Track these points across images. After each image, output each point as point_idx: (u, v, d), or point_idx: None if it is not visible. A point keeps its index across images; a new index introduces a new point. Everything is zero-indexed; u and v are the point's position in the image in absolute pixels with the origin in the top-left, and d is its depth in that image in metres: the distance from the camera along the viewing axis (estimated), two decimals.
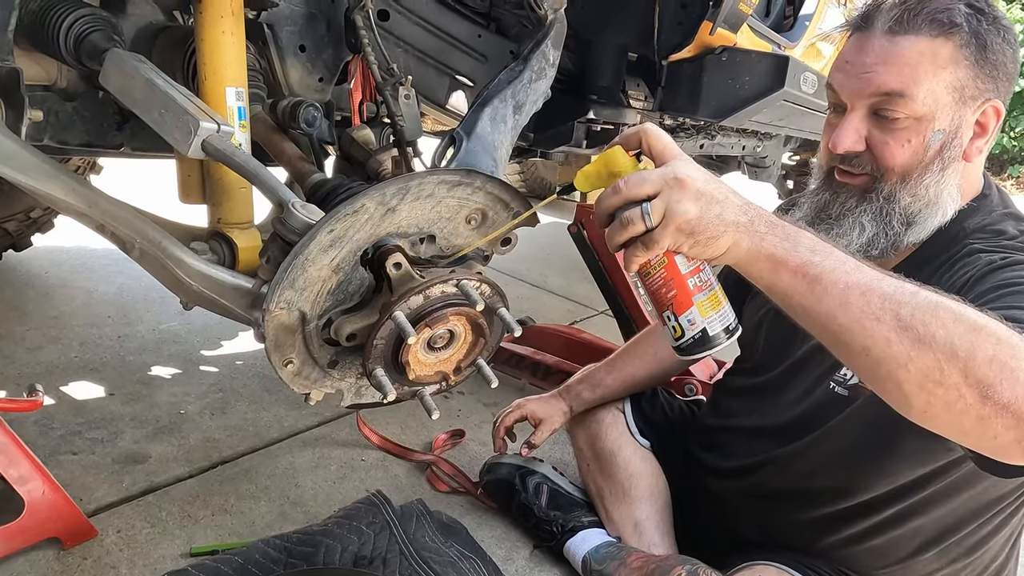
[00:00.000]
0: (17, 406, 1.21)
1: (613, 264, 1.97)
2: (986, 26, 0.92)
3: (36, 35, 0.95)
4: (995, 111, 0.95)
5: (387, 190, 0.83)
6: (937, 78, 0.91)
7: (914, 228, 0.97)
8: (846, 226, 0.99)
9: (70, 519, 1.21)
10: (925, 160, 0.94)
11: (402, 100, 1.06)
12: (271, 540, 1.17)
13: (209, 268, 0.91)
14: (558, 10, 1.19)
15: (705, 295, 0.75)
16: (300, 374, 0.92)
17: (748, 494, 1.17)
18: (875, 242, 0.98)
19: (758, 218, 0.69)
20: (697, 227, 0.68)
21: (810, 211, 1.04)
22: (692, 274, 0.74)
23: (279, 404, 1.78)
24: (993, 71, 0.93)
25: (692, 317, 0.75)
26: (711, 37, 1.61)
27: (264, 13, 1.07)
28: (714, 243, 0.69)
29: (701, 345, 0.75)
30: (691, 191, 0.68)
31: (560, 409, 1.45)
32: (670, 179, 0.68)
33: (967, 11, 0.92)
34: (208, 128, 0.85)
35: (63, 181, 0.90)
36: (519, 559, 1.35)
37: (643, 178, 0.69)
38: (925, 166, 0.94)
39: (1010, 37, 0.94)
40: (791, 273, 0.68)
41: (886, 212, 0.97)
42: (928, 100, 0.91)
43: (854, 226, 0.98)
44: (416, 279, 0.86)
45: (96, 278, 2.45)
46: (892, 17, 0.93)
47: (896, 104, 0.92)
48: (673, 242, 0.69)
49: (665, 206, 0.68)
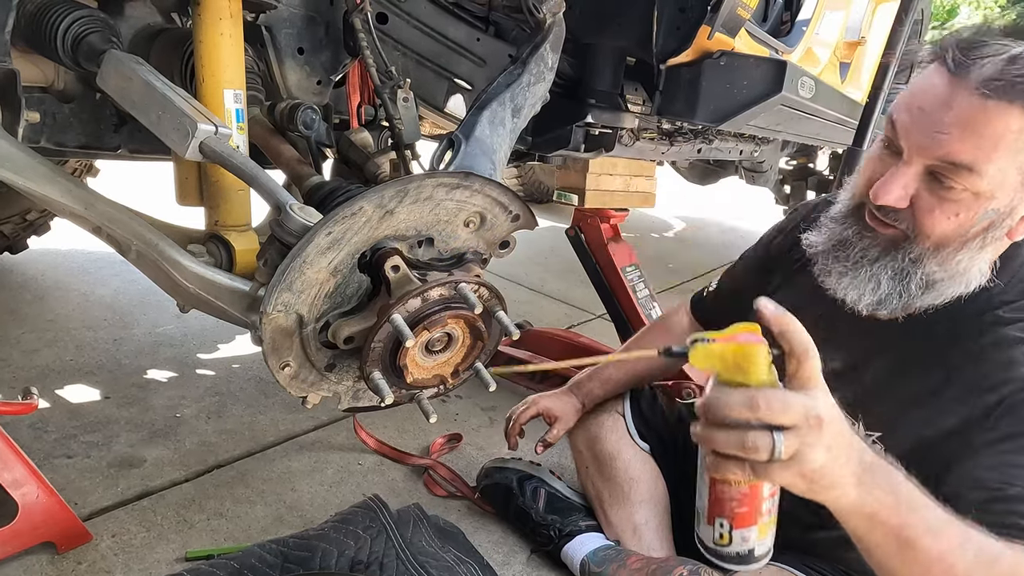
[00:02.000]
0: (11, 409, 1.20)
1: (610, 268, 1.97)
2: None
3: (33, 36, 0.94)
4: None
5: (385, 193, 0.82)
6: (1014, 159, 0.81)
7: (930, 294, 0.91)
8: (861, 277, 0.93)
9: (64, 523, 1.20)
10: (967, 236, 0.87)
11: (400, 103, 1.06)
12: (267, 544, 1.16)
13: (206, 271, 0.91)
14: (556, 14, 1.20)
15: (768, 519, 0.71)
16: (297, 377, 0.92)
17: None
18: (887, 302, 0.93)
19: (871, 469, 0.66)
20: (818, 476, 0.63)
21: (828, 242, 0.98)
22: (769, 497, 0.70)
23: (276, 408, 1.78)
24: None
25: (748, 535, 0.71)
26: (709, 42, 1.61)
27: (262, 16, 1.07)
28: (824, 492, 0.65)
29: (740, 561, 0.72)
30: (827, 437, 0.62)
31: (573, 406, 1.44)
32: (812, 417, 0.61)
33: None
34: (206, 130, 0.85)
35: (60, 183, 0.89)
36: (516, 563, 1.34)
37: (787, 405, 0.61)
38: (965, 241, 0.87)
39: None
40: (886, 532, 0.67)
41: (907, 274, 0.90)
42: (995, 178, 0.82)
43: (870, 280, 0.93)
44: (414, 282, 0.86)
45: (92, 281, 2.44)
46: (992, 76, 0.80)
47: (960, 176, 0.83)
48: (787, 482, 0.63)
49: (797, 446, 0.61)
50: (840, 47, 2.74)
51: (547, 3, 1.17)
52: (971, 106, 0.81)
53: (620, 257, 1.97)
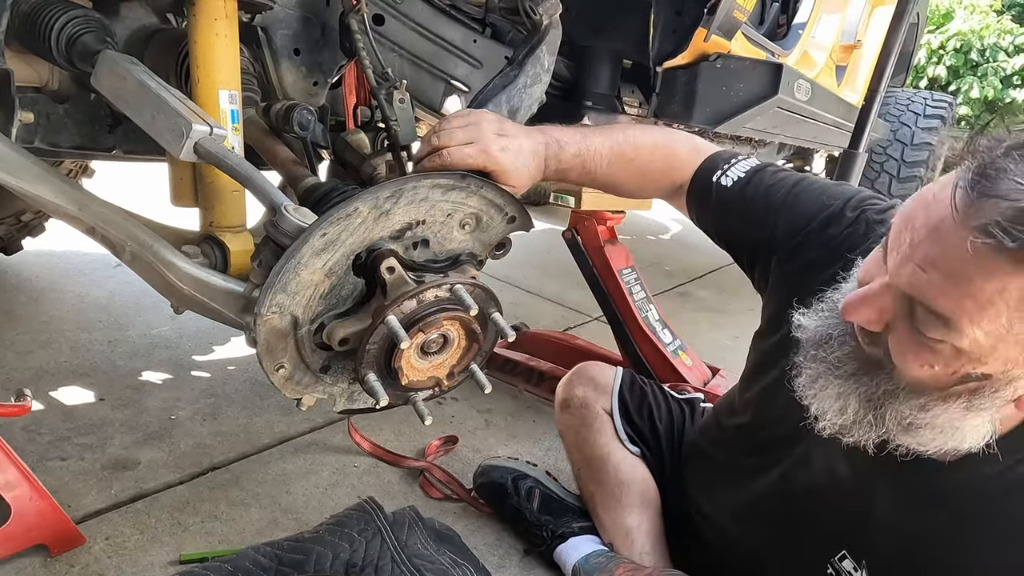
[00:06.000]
0: (4, 411, 1.19)
1: (607, 271, 1.97)
2: None
3: (27, 36, 0.94)
4: None
5: (381, 194, 0.82)
6: (1011, 327, 0.64)
7: (911, 437, 0.76)
8: (830, 392, 0.80)
9: (57, 526, 1.19)
10: (947, 392, 0.72)
11: (396, 104, 1.06)
12: (261, 547, 1.16)
13: (201, 272, 0.91)
14: (553, 16, 1.20)
15: None
16: (292, 379, 0.91)
17: None
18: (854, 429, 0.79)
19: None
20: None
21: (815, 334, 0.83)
22: None
23: (271, 410, 1.77)
24: None
25: None
26: (705, 44, 1.61)
27: (258, 16, 1.07)
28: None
29: None
30: None
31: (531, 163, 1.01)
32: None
33: None
34: (200, 131, 0.84)
35: (54, 184, 0.89)
36: (512, 566, 1.34)
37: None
38: (945, 397, 0.72)
39: None
40: None
41: (881, 406, 0.76)
42: (983, 344, 0.66)
43: (838, 399, 0.79)
44: (410, 284, 0.85)
45: (87, 282, 2.44)
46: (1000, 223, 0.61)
47: (937, 328, 0.67)
48: None
49: None
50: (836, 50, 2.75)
51: (543, 5, 1.17)
52: (961, 251, 0.63)
53: (616, 260, 1.96)
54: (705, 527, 1.22)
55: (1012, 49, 9.73)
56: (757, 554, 1.09)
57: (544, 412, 1.92)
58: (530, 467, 1.47)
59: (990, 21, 10.07)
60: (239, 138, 0.99)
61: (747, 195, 1.07)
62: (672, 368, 1.87)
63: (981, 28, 9.96)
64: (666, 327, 1.97)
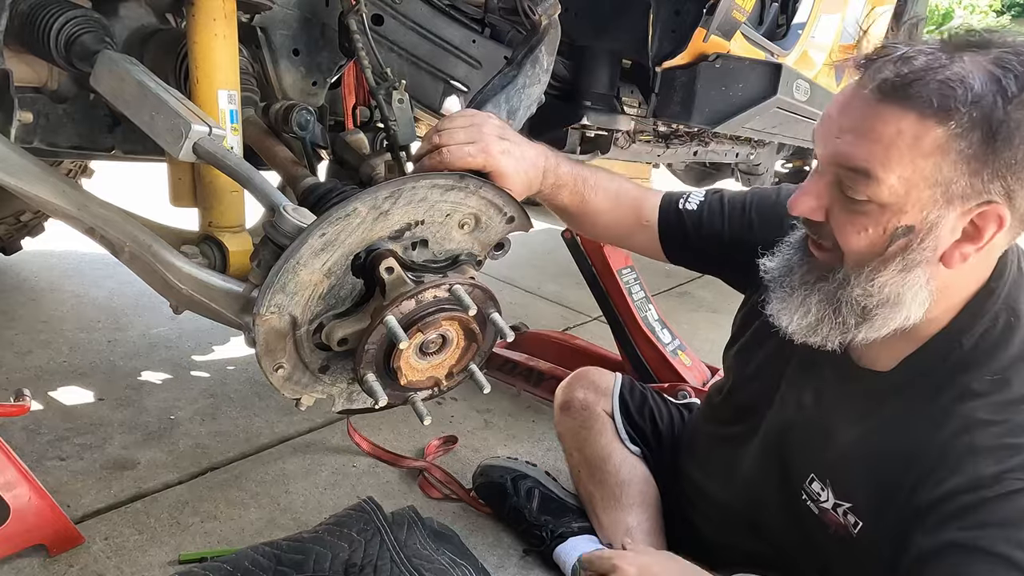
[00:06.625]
0: (4, 411, 1.19)
1: (606, 270, 1.97)
2: (1004, 113, 0.72)
3: (26, 36, 0.94)
4: (997, 217, 0.77)
5: (379, 194, 0.82)
6: (915, 166, 0.76)
7: (870, 324, 0.86)
8: (794, 302, 0.91)
9: (56, 526, 1.19)
10: (884, 255, 0.82)
11: (396, 104, 1.06)
12: (260, 547, 1.16)
13: (199, 272, 0.91)
14: (552, 16, 1.20)
15: None
16: (291, 379, 0.91)
17: None
18: (817, 329, 0.89)
19: None
20: None
21: (778, 269, 0.96)
22: None
23: (270, 410, 1.77)
24: (1005, 169, 0.74)
25: None
26: (705, 44, 1.61)
27: (257, 16, 1.07)
28: None
29: None
30: None
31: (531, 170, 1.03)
32: None
33: (983, 90, 0.73)
34: (199, 131, 0.84)
35: (52, 184, 0.89)
36: (511, 566, 1.34)
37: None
38: (883, 261, 0.83)
39: None
40: None
41: (836, 298, 0.87)
42: (898, 189, 0.77)
43: (801, 305, 0.90)
44: (408, 284, 0.85)
45: (86, 282, 2.44)
46: (885, 77, 0.76)
47: (860, 183, 0.79)
48: None
49: None
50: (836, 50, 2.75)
51: (542, 5, 1.17)
52: (863, 109, 0.78)
53: (616, 259, 1.97)
54: (702, 506, 1.24)
55: None
56: (751, 514, 1.13)
57: (543, 412, 1.92)
58: (529, 467, 1.47)
59: (990, 21, 10.08)
60: (238, 138, 0.99)
61: (715, 209, 1.18)
62: (671, 368, 1.87)
63: None
64: (665, 327, 1.97)
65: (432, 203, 0.88)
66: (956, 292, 0.87)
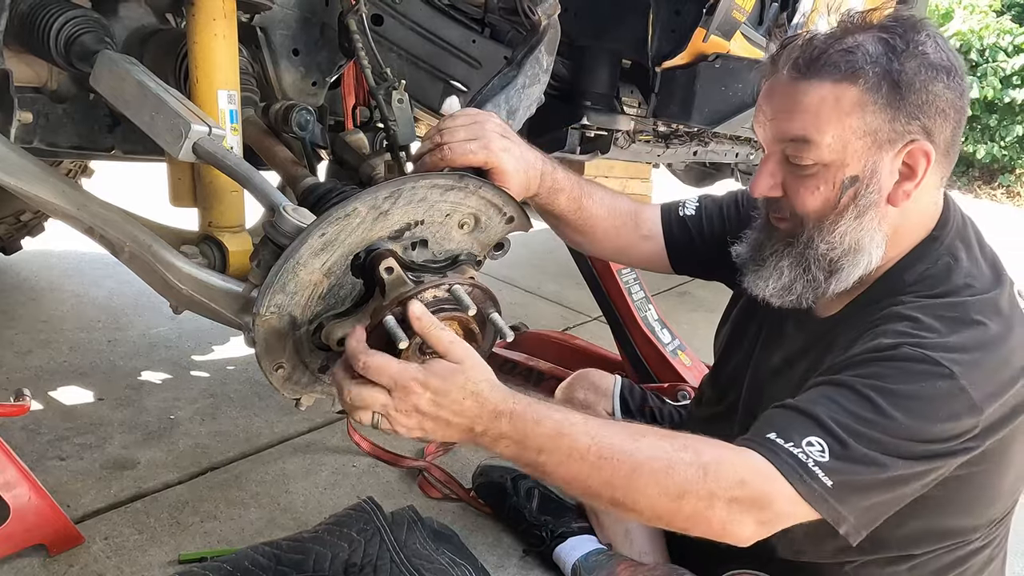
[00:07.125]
0: (4, 411, 1.19)
1: (606, 270, 1.97)
2: (899, 65, 0.87)
3: (27, 36, 0.94)
4: (923, 153, 0.90)
5: (379, 194, 0.82)
6: (843, 124, 0.89)
7: (837, 276, 0.96)
8: (767, 270, 1.00)
9: (56, 525, 1.19)
10: (839, 207, 0.93)
11: (395, 104, 1.06)
12: (260, 547, 1.16)
13: (199, 272, 0.91)
14: (552, 16, 1.20)
15: None
16: (290, 379, 0.91)
17: None
18: (792, 288, 0.98)
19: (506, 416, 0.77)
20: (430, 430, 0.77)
21: (748, 249, 1.06)
22: None
23: (270, 410, 1.77)
24: (916, 111, 0.88)
25: None
26: (704, 44, 1.61)
27: (257, 16, 1.07)
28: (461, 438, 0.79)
29: None
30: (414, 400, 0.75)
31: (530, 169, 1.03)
32: (399, 384, 0.74)
33: (877, 51, 0.87)
34: (199, 131, 0.84)
35: (52, 184, 0.89)
36: (510, 566, 1.34)
37: (380, 368, 0.74)
38: (839, 213, 0.93)
39: (938, 70, 0.88)
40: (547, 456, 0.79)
41: (804, 258, 0.96)
42: (836, 146, 0.89)
43: (773, 272, 0.99)
44: (408, 284, 0.85)
45: (86, 282, 2.44)
46: (794, 61, 0.91)
47: (802, 151, 0.91)
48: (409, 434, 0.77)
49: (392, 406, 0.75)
50: None
51: (542, 5, 1.17)
52: (786, 90, 0.92)
53: None
54: None
55: (1012, 49, 9.70)
56: None
57: None
58: None
59: (990, 21, 10.06)
60: (238, 138, 1.00)
61: (711, 210, 1.26)
62: (671, 367, 1.87)
63: (981, 28, 9.94)
64: (665, 327, 1.97)
65: (432, 203, 0.88)
66: (905, 236, 0.97)
